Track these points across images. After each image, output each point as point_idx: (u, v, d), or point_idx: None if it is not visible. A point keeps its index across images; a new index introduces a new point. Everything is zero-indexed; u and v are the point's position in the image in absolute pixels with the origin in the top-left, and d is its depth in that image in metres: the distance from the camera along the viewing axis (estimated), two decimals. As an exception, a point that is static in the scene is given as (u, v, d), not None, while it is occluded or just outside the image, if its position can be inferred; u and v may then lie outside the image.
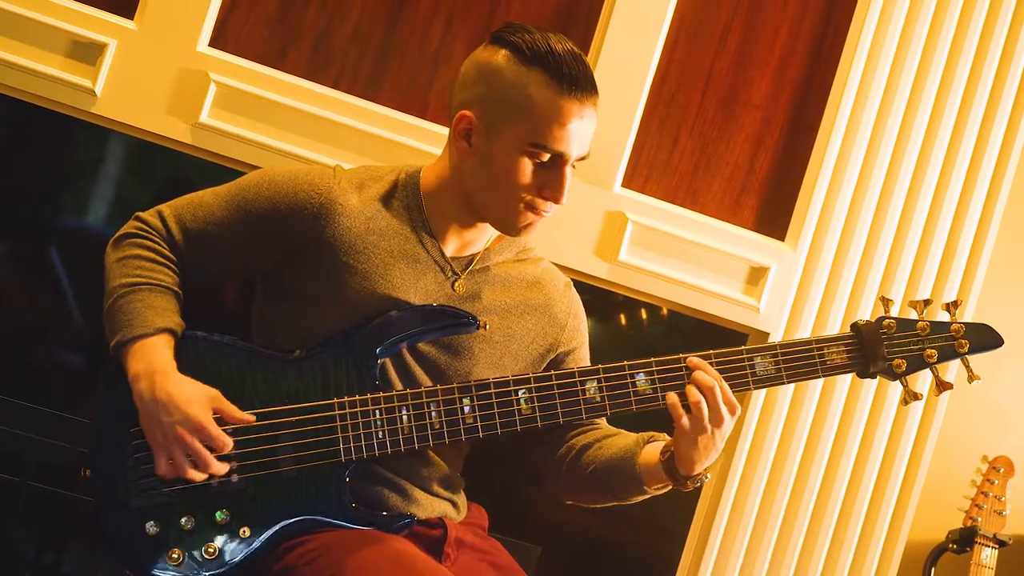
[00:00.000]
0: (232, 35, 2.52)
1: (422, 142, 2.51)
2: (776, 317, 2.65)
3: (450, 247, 1.99)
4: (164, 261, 1.96)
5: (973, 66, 2.70)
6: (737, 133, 2.69)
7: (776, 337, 2.64)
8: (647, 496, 1.97)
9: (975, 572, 2.71)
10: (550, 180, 1.89)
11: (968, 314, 2.69)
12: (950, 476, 2.84)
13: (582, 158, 1.92)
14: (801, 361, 1.91)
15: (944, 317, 1.96)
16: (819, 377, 1.92)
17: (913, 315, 1.95)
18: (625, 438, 2.00)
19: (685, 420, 1.82)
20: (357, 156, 2.48)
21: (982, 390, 1.95)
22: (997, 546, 2.73)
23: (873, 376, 1.94)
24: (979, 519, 2.74)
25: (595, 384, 1.89)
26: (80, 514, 2.32)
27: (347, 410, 1.86)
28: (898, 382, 1.94)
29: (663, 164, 2.67)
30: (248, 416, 1.84)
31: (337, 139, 2.50)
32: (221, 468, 1.82)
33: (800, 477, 2.67)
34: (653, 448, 1.93)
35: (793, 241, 2.66)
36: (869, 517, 2.69)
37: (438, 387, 1.89)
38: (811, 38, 2.70)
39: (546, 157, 1.88)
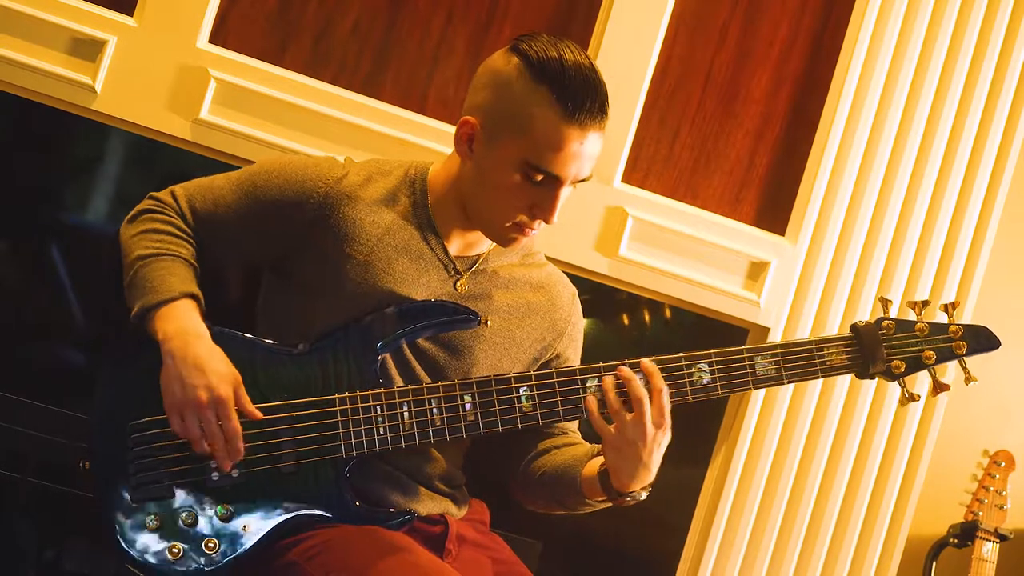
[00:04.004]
0: (232, 31, 2.51)
1: (422, 138, 2.51)
2: (777, 312, 2.65)
3: (454, 246, 1.99)
4: (180, 235, 1.96)
5: (973, 60, 2.69)
6: (737, 128, 2.69)
7: (777, 332, 2.64)
8: (592, 508, 1.96)
9: (976, 566, 2.71)
10: (542, 199, 1.87)
11: (970, 302, 2.69)
12: (951, 470, 2.84)
13: (582, 180, 1.88)
14: (801, 361, 1.90)
15: (942, 318, 1.96)
16: (819, 378, 1.92)
17: (911, 316, 1.95)
18: (580, 448, 2.00)
19: (605, 427, 1.82)
20: (357, 152, 2.48)
21: (983, 384, 1.94)
22: (998, 540, 2.73)
23: (872, 377, 1.94)
24: (980, 513, 2.74)
25: (595, 383, 1.89)
26: (80, 509, 2.32)
27: (348, 405, 1.86)
28: (896, 383, 1.94)
29: (663, 159, 2.67)
30: (257, 412, 1.84)
31: (337, 135, 2.50)
32: (221, 445, 1.80)
33: (801, 471, 2.67)
34: (597, 460, 1.92)
35: (793, 236, 2.66)
36: (870, 511, 2.69)
37: (439, 384, 1.89)
38: (811, 33, 2.69)
39: (540, 178, 1.85)
